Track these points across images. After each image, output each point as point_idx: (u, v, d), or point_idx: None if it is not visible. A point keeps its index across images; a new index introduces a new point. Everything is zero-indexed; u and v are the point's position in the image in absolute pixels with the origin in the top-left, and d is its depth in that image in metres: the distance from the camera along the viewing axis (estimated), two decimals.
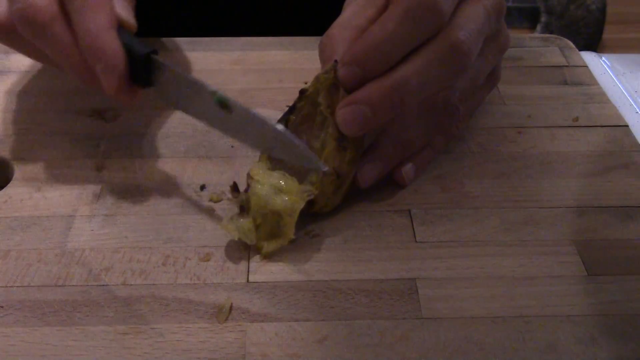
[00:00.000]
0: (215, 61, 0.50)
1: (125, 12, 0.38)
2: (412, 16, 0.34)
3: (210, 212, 0.38)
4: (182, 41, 0.52)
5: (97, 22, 0.35)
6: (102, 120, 0.44)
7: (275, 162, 0.36)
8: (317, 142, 0.36)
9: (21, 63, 0.50)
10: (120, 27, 0.37)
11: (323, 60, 0.39)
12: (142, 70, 0.36)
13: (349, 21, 0.39)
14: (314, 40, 0.52)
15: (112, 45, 0.35)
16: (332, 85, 0.36)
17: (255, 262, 0.35)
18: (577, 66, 0.51)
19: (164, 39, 0.52)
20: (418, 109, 0.39)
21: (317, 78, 0.37)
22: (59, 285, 0.33)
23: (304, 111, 0.37)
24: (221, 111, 0.34)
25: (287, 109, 0.38)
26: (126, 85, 0.36)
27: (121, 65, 0.36)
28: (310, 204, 0.35)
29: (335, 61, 0.36)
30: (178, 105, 0.37)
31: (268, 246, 0.35)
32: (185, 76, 0.36)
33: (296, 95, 0.38)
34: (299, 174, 0.36)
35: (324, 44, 0.39)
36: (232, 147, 0.43)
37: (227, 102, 0.34)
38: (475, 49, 0.36)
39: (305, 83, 0.38)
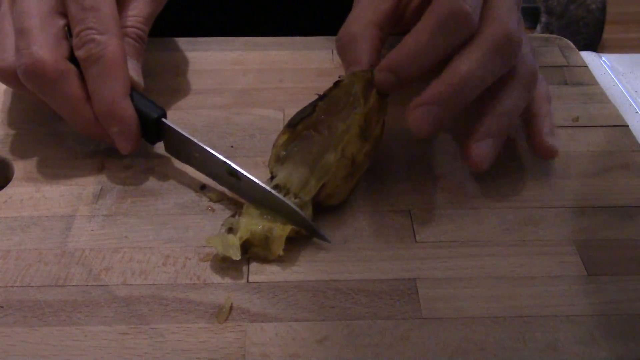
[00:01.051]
0: (215, 61, 0.50)
1: (136, 74, 0.40)
2: (445, 29, 0.35)
3: (210, 212, 0.38)
4: (182, 41, 0.52)
5: (114, 91, 0.37)
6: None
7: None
8: (343, 124, 0.37)
9: None
10: (132, 89, 0.39)
11: (347, 60, 0.40)
12: (152, 131, 0.39)
13: (366, 17, 0.40)
14: (314, 40, 0.53)
15: (127, 112, 0.37)
16: (368, 82, 0.37)
17: (255, 262, 0.35)
18: (577, 66, 0.51)
19: (165, 39, 0.52)
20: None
21: (354, 73, 0.38)
22: (59, 285, 0.33)
23: (334, 98, 0.38)
24: (231, 178, 0.37)
25: (316, 97, 0.38)
26: (138, 143, 0.39)
27: (136, 130, 0.38)
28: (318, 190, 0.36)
29: (372, 66, 0.38)
30: (188, 162, 0.40)
31: (255, 250, 0.35)
32: (194, 142, 0.38)
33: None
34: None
35: (346, 44, 0.40)
36: (232, 147, 0.43)
37: (236, 173, 0.36)
38: (521, 34, 0.37)
39: (340, 77, 0.39)
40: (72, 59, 0.37)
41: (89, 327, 0.31)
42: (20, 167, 0.40)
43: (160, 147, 0.42)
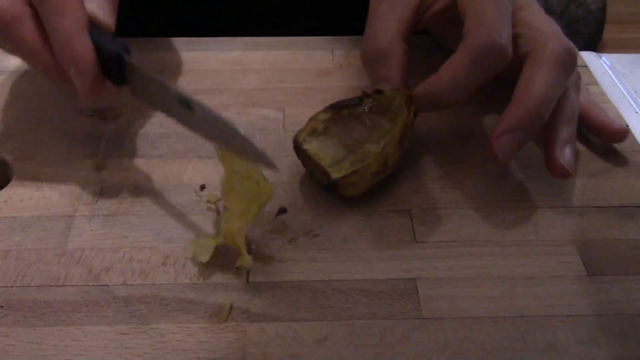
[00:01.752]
0: (215, 61, 0.50)
1: (101, 12, 0.38)
2: (481, 62, 0.36)
3: (210, 212, 0.38)
4: (182, 41, 0.52)
5: (67, 25, 0.35)
6: (102, 120, 0.44)
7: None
8: (388, 124, 0.38)
9: (21, 63, 0.50)
10: (95, 27, 0.36)
11: (377, 77, 0.41)
12: (115, 70, 0.36)
13: (392, 28, 0.41)
14: (314, 40, 0.53)
15: (83, 48, 0.35)
16: (408, 98, 0.39)
17: (256, 262, 0.35)
18: (577, 66, 0.51)
19: (165, 39, 0.52)
20: None
21: (396, 89, 0.39)
22: (59, 285, 0.33)
23: (378, 100, 0.39)
24: (185, 110, 0.35)
25: (360, 93, 0.39)
26: (98, 86, 0.36)
27: (92, 67, 0.35)
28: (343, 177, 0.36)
29: (407, 87, 0.40)
30: (151, 104, 0.38)
31: (239, 261, 0.34)
32: (152, 76, 0.36)
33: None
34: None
35: (375, 60, 0.41)
36: None
37: (189, 103, 0.35)
38: (509, 45, 0.38)
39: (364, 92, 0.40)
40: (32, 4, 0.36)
41: (89, 327, 0.31)
42: (20, 167, 0.40)
43: (160, 146, 0.42)
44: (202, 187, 0.39)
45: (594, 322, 0.32)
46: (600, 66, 0.53)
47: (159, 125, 0.44)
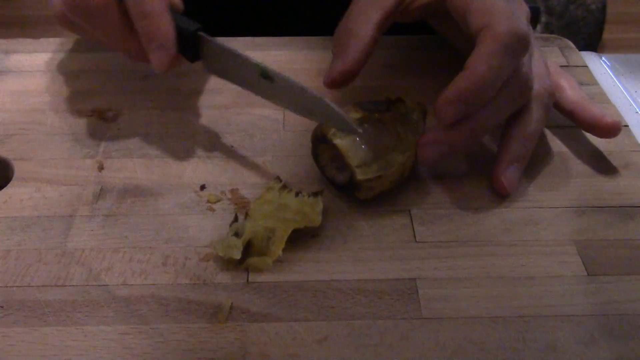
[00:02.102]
0: None
1: None
2: (512, 49, 0.35)
3: (210, 212, 0.38)
4: None
5: (151, 7, 0.38)
6: (102, 120, 0.44)
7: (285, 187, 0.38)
8: (412, 137, 0.38)
9: (21, 63, 0.50)
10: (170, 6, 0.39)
11: (336, 53, 0.41)
12: (190, 46, 0.40)
13: (367, 14, 0.41)
14: (314, 40, 0.53)
15: (166, 26, 0.38)
16: (423, 113, 0.39)
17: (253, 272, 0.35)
18: (577, 66, 0.51)
19: None
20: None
21: (417, 103, 0.40)
22: (59, 285, 0.33)
23: (400, 109, 0.39)
24: (265, 81, 0.38)
25: (384, 98, 0.40)
26: (176, 62, 0.39)
27: (173, 44, 0.38)
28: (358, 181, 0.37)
29: (420, 103, 0.39)
30: (225, 76, 0.41)
31: (252, 260, 0.35)
32: (231, 50, 0.39)
33: None
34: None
35: (340, 37, 0.41)
36: (232, 147, 0.43)
37: (269, 73, 0.37)
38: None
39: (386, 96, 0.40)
40: None
41: (89, 327, 0.31)
42: (20, 167, 0.40)
43: (160, 146, 0.42)
44: (202, 187, 0.39)
45: (594, 322, 0.32)
46: (600, 66, 0.53)
47: (159, 125, 0.44)
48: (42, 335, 0.31)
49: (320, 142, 0.38)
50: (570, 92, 0.43)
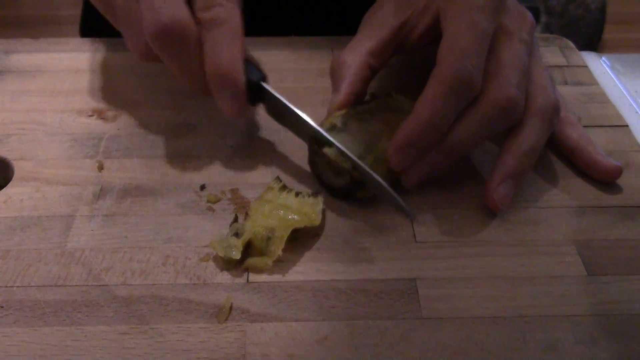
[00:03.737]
0: None
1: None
2: (455, 92, 0.35)
3: (210, 212, 0.38)
4: None
5: (233, 54, 0.37)
6: (102, 120, 0.44)
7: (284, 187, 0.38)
8: (400, 119, 0.38)
9: (21, 63, 0.50)
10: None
11: (333, 86, 0.41)
12: (254, 94, 0.40)
13: (361, 45, 0.41)
14: (314, 40, 0.53)
15: (240, 78, 0.38)
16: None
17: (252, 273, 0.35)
18: (577, 66, 0.51)
19: None
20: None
21: (407, 94, 0.41)
22: (59, 285, 0.33)
23: (389, 101, 0.40)
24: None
25: (368, 95, 0.42)
26: (244, 108, 0.39)
27: (244, 95, 0.38)
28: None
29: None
30: (282, 123, 0.42)
31: (252, 260, 0.35)
32: (289, 107, 0.40)
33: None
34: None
35: (334, 69, 0.41)
36: (231, 147, 0.43)
37: (318, 139, 0.38)
38: (523, 95, 0.37)
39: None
40: None
41: (89, 327, 0.31)
42: (20, 167, 0.40)
43: (160, 146, 0.42)
44: (202, 187, 0.39)
45: (594, 322, 0.32)
46: (600, 66, 0.53)
47: (159, 126, 0.44)
48: (42, 335, 0.31)
49: (316, 151, 0.38)
50: (570, 129, 0.42)
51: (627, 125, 0.45)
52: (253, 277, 0.34)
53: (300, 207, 0.36)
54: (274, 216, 0.36)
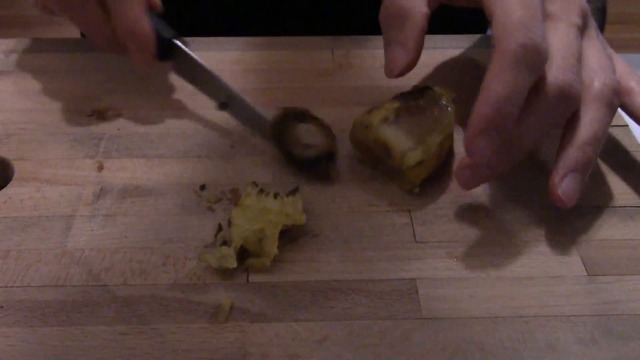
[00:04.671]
0: (215, 61, 0.50)
1: None
2: (524, 62, 0.33)
3: (210, 212, 0.38)
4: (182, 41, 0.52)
5: (134, 10, 0.40)
6: (102, 120, 0.44)
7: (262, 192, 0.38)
8: (447, 119, 0.40)
9: (21, 63, 0.50)
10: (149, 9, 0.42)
11: (391, 38, 0.40)
12: (165, 50, 0.43)
13: None
14: (314, 40, 0.53)
15: (146, 30, 0.40)
16: (451, 97, 0.41)
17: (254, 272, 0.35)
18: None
19: None
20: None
21: (441, 90, 0.41)
22: (59, 285, 0.33)
23: (430, 95, 0.40)
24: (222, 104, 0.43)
25: (412, 88, 0.41)
26: (153, 60, 0.42)
27: (152, 47, 0.41)
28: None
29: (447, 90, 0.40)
30: (194, 83, 0.44)
31: (251, 261, 0.35)
32: (201, 65, 0.43)
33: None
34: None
35: (392, 18, 0.40)
36: (232, 147, 0.43)
37: (227, 104, 0.42)
38: (580, 79, 0.35)
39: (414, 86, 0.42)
40: None
41: (89, 327, 0.31)
42: (20, 167, 0.40)
43: (160, 146, 0.42)
44: (202, 187, 0.39)
45: (594, 322, 0.32)
46: None
47: (159, 126, 0.44)
48: (42, 335, 0.31)
49: (282, 128, 0.40)
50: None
51: (627, 125, 0.45)
52: (253, 277, 0.34)
53: (281, 208, 0.36)
54: (258, 220, 0.36)
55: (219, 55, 0.51)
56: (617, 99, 0.37)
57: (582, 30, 0.38)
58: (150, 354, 0.30)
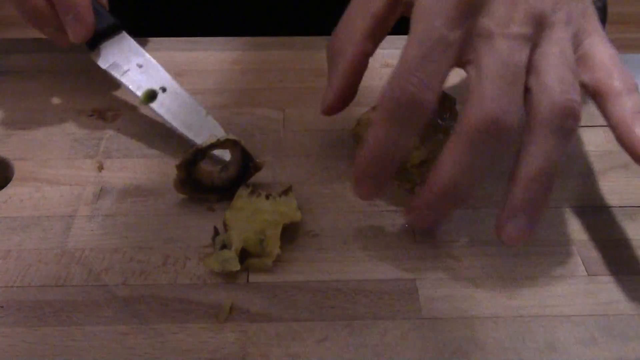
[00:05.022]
0: (215, 61, 0.50)
1: None
2: (396, 115, 0.31)
3: (210, 212, 0.38)
4: (182, 41, 0.52)
5: None
6: (102, 120, 0.44)
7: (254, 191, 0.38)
8: (448, 120, 0.38)
9: (21, 63, 0.50)
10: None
11: (328, 76, 0.38)
12: (103, 35, 0.43)
13: (354, 25, 0.36)
14: (314, 40, 0.53)
15: (85, 3, 0.41)
16: (452, 101, 0.39)
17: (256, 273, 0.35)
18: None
19: (165, 39, 0.52)
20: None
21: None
22: (59, 285, 0.33)
23: None
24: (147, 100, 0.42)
25: None
26: (89, 35, 0.42)
27: (89, 16, 0.41)
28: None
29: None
30: (110, 68, 0.43)
31: (252, 261, 0.34)
32: (143, 54, 0.43)
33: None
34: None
35: (330, 57, 0.38)
36: None
37: (152, 97, 0.42)
38: (510, 107, 0.30)
39: None
40: None
41: (89, 327, 0.31)
42: (20, 167, 0.40)
43: (160, 146, 0.42)
44: None
45: (594, 322, 0.32)
46: None
47: (159, 125, 0.44)
48: (42, 335, 0.31)
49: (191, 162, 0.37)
50: (622, 99, 0.33)
51: None
52: (253, 277, 0.34)
53: (275, 207, 0.36)
54: (254, 221, 0.36)
55: (219, 55, 0.51)
56: (571, 121, 0.31)
57: (535, 36, 0.32)
58: (150, 354, 0.30)
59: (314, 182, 0.40)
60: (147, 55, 0.43)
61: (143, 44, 0.51)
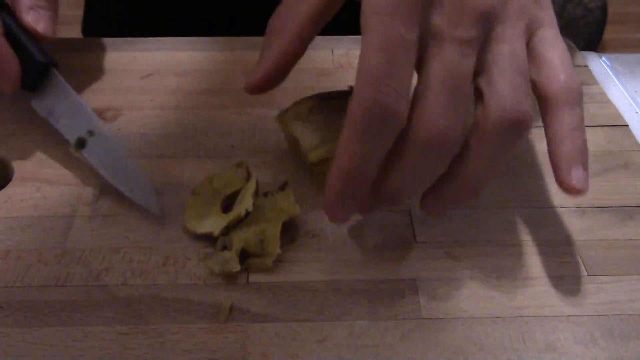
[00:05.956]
0: (215, 61, 0.50)
1: (40, 24, 0.41)
2: (368, 130, 0.28)
3: None
4: (182, 41, 0.52)
5: None
6: (102, 120, 0.44)
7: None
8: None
9: None
10: (26, 33, 0.41)
11: (260, 54, 0.37)
12: (34, 78, 0.41)
13: (293, 6, 0.35)
14: (314, 40, 0.52)
15: (4, 52, 0.39)
16: None
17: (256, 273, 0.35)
18: (577, 66, 0.51)
19: (164, 39, 0.52)
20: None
21: None
22: (59, 286, 0.33)
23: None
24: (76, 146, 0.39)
25: (348, 87, 0.40)
26: (17, 84, 0.40)
27: (14, 70, 0.40)
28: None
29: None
30: (49, 115, 0.41)
31: (253, 261, 0.34)
32: (73, 95, 0.40)
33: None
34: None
35: (266, 36, 0.37)
36: (232, 147, 0.43)
37: (86, 140, 0.39)
38: (457, 119, 0.29)
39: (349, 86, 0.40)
40: None
41: (89, 327, 0.31)
42: (20, 167, 0.40)
43: (160, 146, 0.42)
44: None
45: (594, 322, 0.32)
46: (600, 66, 0.53)
47: (159, 125, 0.44)
48: (42, 335, 0.31)
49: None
50: (563, 113, 0.32)
51: (627, 125, 0.45)
52: (253, 277, 0.34)
53: (274, 204, 0.36)
54: (255, 220, 0.35)
55: (220, 56, 0.51)
56: (520, 131, 0.30)
57: (485, 35, 0.31)
58: (150, 354, 0.30)
59: (314, 182, 0.40)
60: (75, 96, 0.41)
61: (143, 44, 0.51)
